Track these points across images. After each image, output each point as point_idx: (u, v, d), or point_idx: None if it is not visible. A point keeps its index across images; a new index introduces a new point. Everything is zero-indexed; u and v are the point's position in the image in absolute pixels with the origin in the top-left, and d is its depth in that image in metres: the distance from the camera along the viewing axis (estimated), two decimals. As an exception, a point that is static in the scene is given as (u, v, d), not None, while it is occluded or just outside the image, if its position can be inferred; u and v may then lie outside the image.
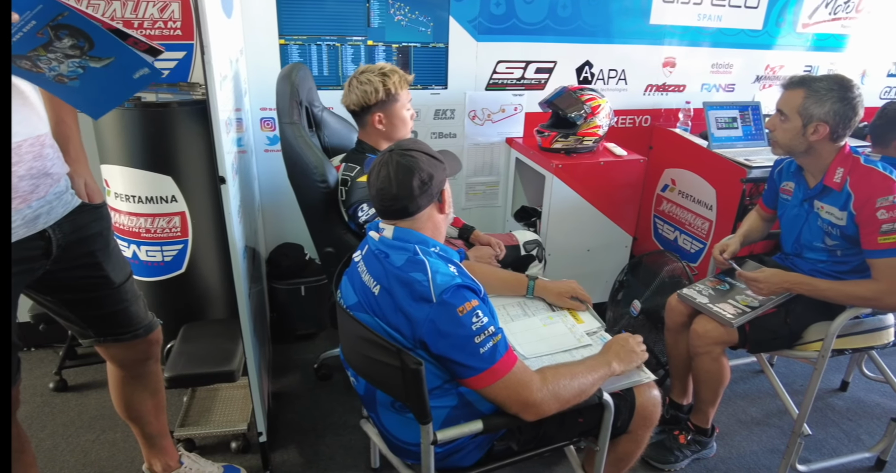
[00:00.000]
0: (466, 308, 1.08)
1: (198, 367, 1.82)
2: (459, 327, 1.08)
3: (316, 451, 1.92)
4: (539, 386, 1.13)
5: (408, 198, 1.18)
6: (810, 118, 1.59)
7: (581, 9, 2.68)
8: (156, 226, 2.01)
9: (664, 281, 2.20)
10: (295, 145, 1.76)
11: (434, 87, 2.61)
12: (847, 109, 1.57)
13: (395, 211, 1.20)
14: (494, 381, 1.10)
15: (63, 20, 0.87)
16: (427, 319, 1.09)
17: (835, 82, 1.59)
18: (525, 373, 1.14)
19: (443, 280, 1.10)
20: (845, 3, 3.18)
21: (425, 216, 1.22)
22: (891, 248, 1.53)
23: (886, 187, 1.54)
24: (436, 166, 1.21)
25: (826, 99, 1.57)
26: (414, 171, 1.17)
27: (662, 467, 1.87)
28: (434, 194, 1.22)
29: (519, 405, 1.13)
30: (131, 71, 0.99)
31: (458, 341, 1.08)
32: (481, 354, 1.09)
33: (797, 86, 1.62)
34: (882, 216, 1.53)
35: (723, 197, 2.51)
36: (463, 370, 1.11)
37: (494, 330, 1.11)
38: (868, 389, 2.35)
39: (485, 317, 1.11)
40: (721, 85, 3.15)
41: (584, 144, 2.51)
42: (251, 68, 2.30)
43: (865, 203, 1.55)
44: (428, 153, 1.22)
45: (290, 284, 2.44)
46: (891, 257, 1.54)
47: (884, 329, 1.74)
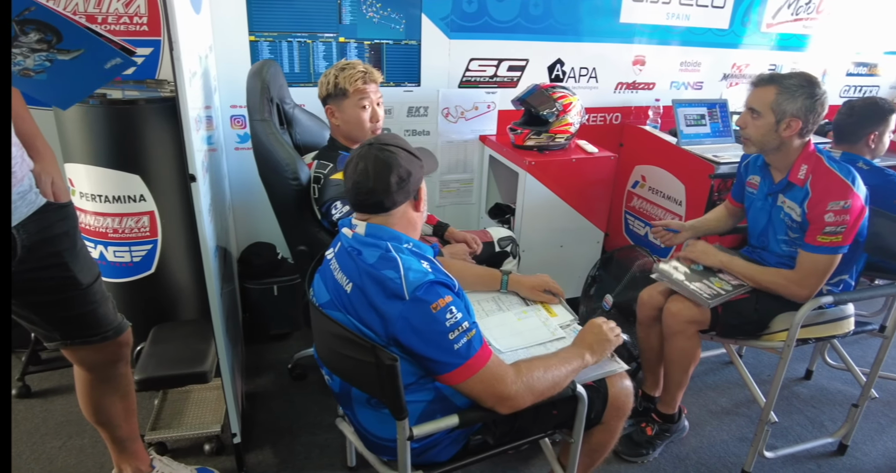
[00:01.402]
0: (440, 305, 1.09)
1: (169, 368, 1.79)
2: (433, 323, 1.08)
3: (291, 451, 1.90)
4: (513, 379, 1.14)
5: (384, 193, 1.17)
6: (783, 114, 1.63)
7: (552, 7, 2.71)
8: (124, 226, 1.97)
9: (635, 276, 2.24)
10: (266, 143, 1.74)
11: (407, 84, 2.61)
12: (816, 105, 1.63)
13: (370, 205, 1.20)
14: (469, 376, 1.11)
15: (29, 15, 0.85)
16: (400, 316, 1.08)
17: (804, 79, 1.64)
18: (499, 367, 1.15)
19: (415, 277, 1.10)
20: (806, 4, 3.28)
21: (400, 213, 1.22)
22: (824, 246, 1.60)
23: (841, 191, 1.60)
24: (414, 164, 1.21)
25: (798, 95, 1.62)
26: (392, 167, 1.16)
27: (635, 460, 1.91)
28: (411, 191, 1.21)
29: (494, 398, 1.14)
30: (102, 62, 0.97)
31: (432, 337, 1.09)
32: (456, 350, 1.09)
33: (768, 83, 1.66)
34: (829, 219, 1.59)
35: (692, 193, 2.56)
36: (438, 366, 1.11)
37: (469, 325, 1.12)
38: (831, 377, 2.43)
39: (459, 313, 1.11)
40: (689, 83, 3.21)
41: (557, 142, 2.54)
42: (221, 65, 2.27)
43: (818, 203, 1.61)
44: (407, 150, 1.21)
45: (262, 283, 2.41)
46: (819, 253, 1.62)
47: (844, 319, 1.80)
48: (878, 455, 2.01)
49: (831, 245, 1.60)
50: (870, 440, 2.08)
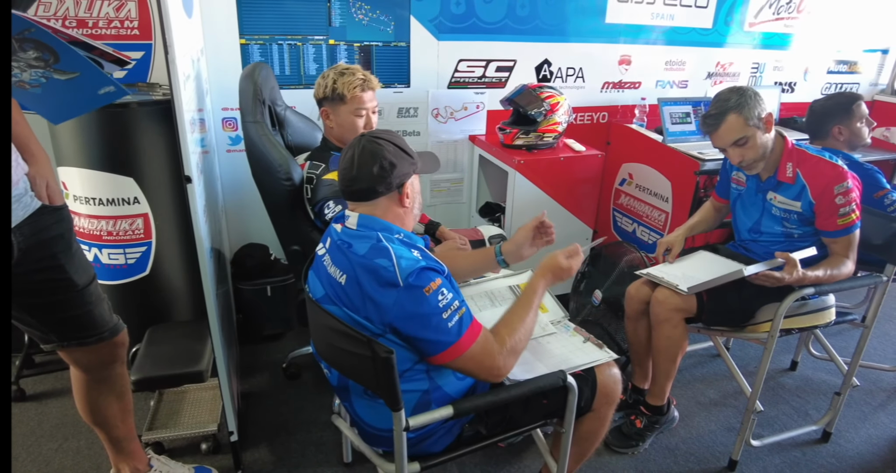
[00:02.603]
0: (432, 288, 1.13)
1: (165, 368, 1.81)
2: (427, 306, 1.12)
3: (287, 449, 1.93)
4: (499, 350, 1.19)
5: (365, 181, 1.21)
6: (759, 121, 1.73)
7: (539, 8, 2.75)
8: (118, 228, 1.98)
9: (623, 271, 2.28)
10: (259, 144, 1.77)
11: (397, 85, 2.64)
12: (759, 98, 1.73)
13: (352, 193, 1.25)
14: (461, 353, 1.15)
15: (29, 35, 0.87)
16: (395, 303, 1.12)
17: (735, 91, 1.73)
18: (487, 342, 1.19)
19: (407, 264, 1.13)
20: (787, 4, 3.34)
21: (383, 205, 1.25)
22: (847, 227, 1.71)
23: (838, 175, 1.69)
24: (401, 158, 1.24)
25: (750, 102, 1.71)
26: (376, 157, 1.21)
27: (626, 452, 1.95)
28: (393, 183, 1.24)
29: (485, 371, 1.19)
30: (96, 88, 1.00)
31: (427, 320, 1.12)
32: (449, 328, 1.13)
33: (724, 116, 1.72)
34: (840, 201, 1.69)
35: (678, 189, 2.61)
36: (432, 346, 1.15)
37: (459, 304, 1.16)
38: (815, 368, 2.49)
39: (449, 293, 1.15)
40: (675, 82, 3.27)
41: (545, 141, 2.58)
42: (212, 68, 2.28)
43: (824, 192, 1.70)
44: (397, 144, 1.25)
45: (255, 284, 2.43)
46: (847, 235, 1.72)
47: (826, 309, 1.85)
48: (860, 442, 2.06)
49: (850, 225, 1.71)
50: (853, 427, 2.13)
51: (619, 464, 1.91)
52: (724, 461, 1.93)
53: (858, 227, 1.72)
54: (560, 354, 1.43)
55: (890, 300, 3.02)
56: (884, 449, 2.04)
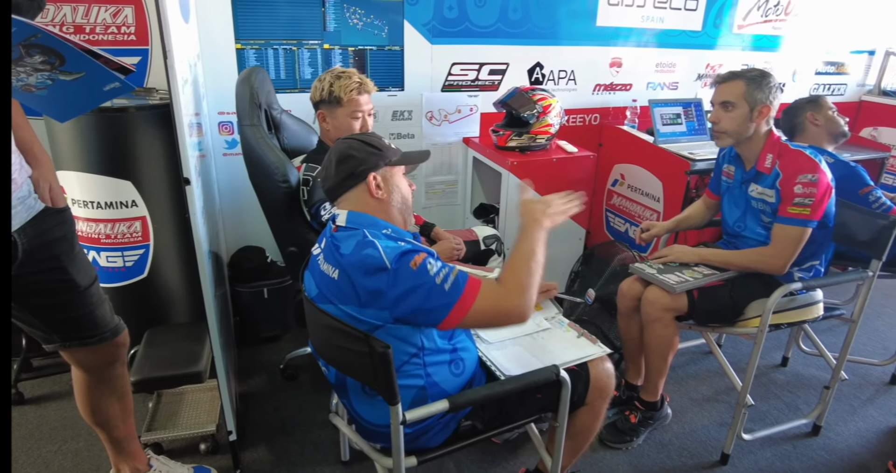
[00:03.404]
0: (417, 261, 1.15)
1: (164, 370, 1.83)
2: (418, 278, 1.14)
3: (286, 448, 1.94)
4: (507, 293, 1.18)
5: (331, 178, 1.29)
6: (755, 102, 1.77)
7: (531, 12, 2.79)
8: (116, 231, 2.00)
9: (616, 269, 2.32)
10: (256, 147, 1.79)
11: (391, 89, 2.67)
12: (776, 92, 1.79)
13: (326, 192, 1.32)
14: (469, 308, 1.15)
15: (35, 41, 0.90)
16: (389, 285, 1.13)
17: (759, 72, 1.79)
18: (492, 289, 1.18)
19: (392, 250, 1.16)
20: (775, 7, 3.40)
21: (356, 198, 1.30)
22: (794, 217, 1.71)
23: (811, 167, 1.72)
24: (364, 150, 1.29)
25: (763, 85, 1.76)
26: (339, 153, 1.28)
27: (620, 447, 1.98)
28: (355, 174, 1.28)
29: (503, 316, 1.18)
30: (101, 84, 1.02)
31: (422, 290, 1.14)
32: (447, 290, 1.14)
33: (733, 78, 1.80)
34: (798, 190, 1.71)
35: (669, 189, 2.65)
36: (437, 313, 1.15)
37: (448, 269, 1.17)
38: (806, 363, 2.52)
39: (437, 262, 1.17)
40: (665, 83, 3.31)
41: (538, 142, 2.62)
42: (208, 73, 2.31)
43: (789, 179, 1.73)
44: (364, 140, 1.31)
45: (252, 287, 2.45)
46: (790, 224, 1.72)
47: (814, 305, 1.89)
48: (849, 435, 2.10)
49: (800, 217, 1.71)
50: (842, 421, 2.17)
51: (613, 459, 1.94)
52: (716, 455, 1.96)
53: (808, 226, 1.71)
54: (554, 349, 1.46)
55: (879, 296, 3.08)
56: (872, 442, 2.07)
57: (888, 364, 2.46)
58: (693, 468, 1.92)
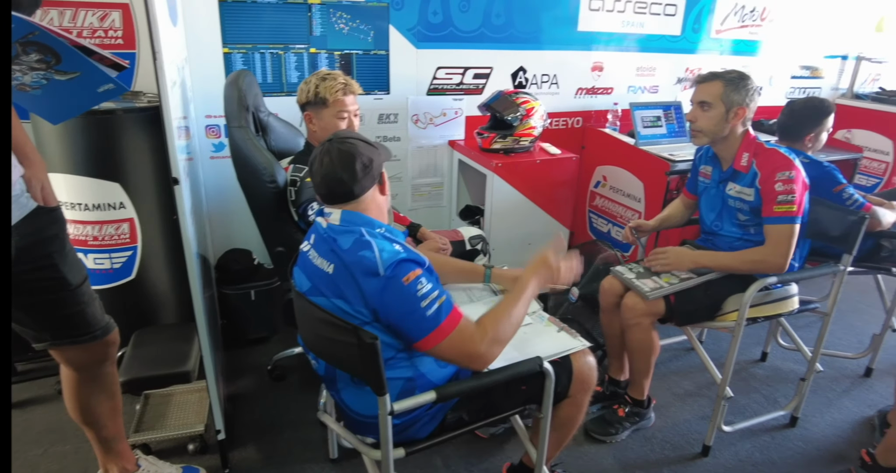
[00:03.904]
0: (411, 277, 1.19)
1: (153, 369, 1.84)
2: (406, 295, 1.18)
3: (274, 447, 1.96)
4: (481, 337, 1.24)
5: (352, 181, 1.27)
6: (731, 104, 1.81)
7: (514, 17, 2.84)
8: (104, 233, 2.01)
9: (598, 268, 2.36)
10: (244, 148, 1.82)
11: (377, 92, 2.71)
12: (754, 95, 1.83)
13: (341, 195, 1.29)
14: (441, 340, 1.20)
15: (33, 38, 0.92)
16: (376, 291, 1.18)
17: (739, 74, 1.84)
18: (468, 329, 1.24)
19: (388, 256, 1.19)
20: (751, 12, 3.49)
21: (369, 198, 1.32)
22: (782, 215, 1.76)
23: (785, 164, 1.78)
24: (373, 151, 1.32)
25: (740, 87, 1.81)
26: (355, 155, 1.27)
27: (605, 439, 2.02)
28: (375, 175, 1.32)
29: (466, 358, 1.24)
30: (96, 85, 1.04)
31: (405, 308, 1.18)
32: (428, 316, 1.19)
33: (712, 79, 1.85)
34: (779, 188, 1.76)
35: (650, 190, 2.71)
36: (413, 333, 1.20)
37: (438, 293, 1.22)
38: (784, 358, 2.59)
39: (428, 283, 1.21)
40: (646, 87, 3.39)
41: (521, 145, 2.67)
42: (195, 77, 2.33)
43: (768, 178, 1.78)
44: (364, 140, 1.33)
45: (239, 289, 2.46)
46: (780, 223, 1.77)
47: (789, 298, 1.95)
48: (825, 426, 2.16)
49: (788, 214, 1.76)
50: (818, 412, 2.23)
51: (598, 452, 1.98)
52: (698, 447, 2.01)
53: (796, 222, 1.75)
54: (537, 343, 1.49)
55: (854, 293, 3.16)
56: (847, 432, 2.14)
57: (862, 357, 2.53)
58: (676, 460, 1.97)
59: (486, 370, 1.33)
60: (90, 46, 0.98)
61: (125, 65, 1.04)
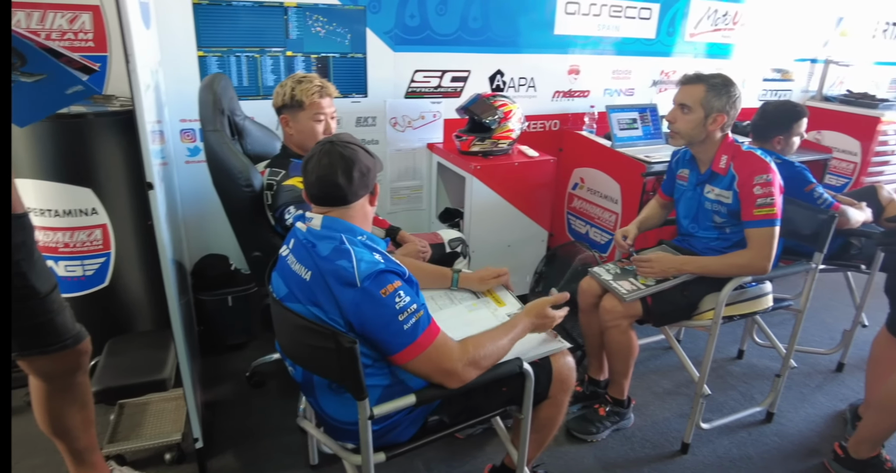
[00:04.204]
0: (389, 290, 1.17)
1: (128, 378, 1.80)
2: (383, 307, 1.17)
3: (254, 454, 1.93)
4: (459, 356, 1.24)
5: (348, 187, 1.26)
6: (711, 109, 1.82)
7: (491, 21, 2.86)
8: (75, 240, 1.97)
9: (577, 269, 2.39)
10: (219, 152, 1.80)
11: (354, 95, 2.70)
12: (736, 102, 1.84)
13: (333, 198, 1.27)
14: (417, 354, 1.20)
15: None
16: (352, 303, 1.16)
17: (725, 79, 1.85)
18: (445, 345, 1.24)
19: (366, 267, 1.18)
20: (724, 16, 3.56)
21: (359, 206, 1.31)
22: (763, 219, 1.78)
23: (762, 167, 1.80)
24: (371, 160, 1.31)
25: (723, 93, 1.82)
26: (355, 162, 1.26)
27: (586, 438, 2.03)
28: (370, 185, 1.31)
29: (441, 374, 1.23)
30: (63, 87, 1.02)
31: (382, 320, 1.17)
32: (405, 330, 1.18)
33: (696, 82, 1.85)
34: (758, 192, 1.78)
35: (626, 191, 2.74)
36: (389, 346, 1.19)
37: (417, 307, 1.20)
38: (760, 355, 2.64)
39: (407, 296, 1.20)
40: (622, 90, 3.43)
41: (500, 147, 2.68)
42: (170, 80, 2.30)
43: (746, 181, 1.80)
44: (364, 148, 1.32)
45: (216, 295, 2.42)
46: (762, 227, 1.78)
47: (763, 296, 1.98)
48: (800, 421, 2.21)
49: (768, 217, 1.78)
50: (793, 408, 2.28)
51: (578, 452, 1.99)
52: (677, 445, 2.04)
53: (776, 224, 1.78)
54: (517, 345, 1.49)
55: (827, 291, 3.23)
56: (821, 426, 2.18)
57: (834, 353, 2.60)
58: (655, 458, 1.99)
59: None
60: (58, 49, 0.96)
61: (95, 67, 1.02)
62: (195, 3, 2.26)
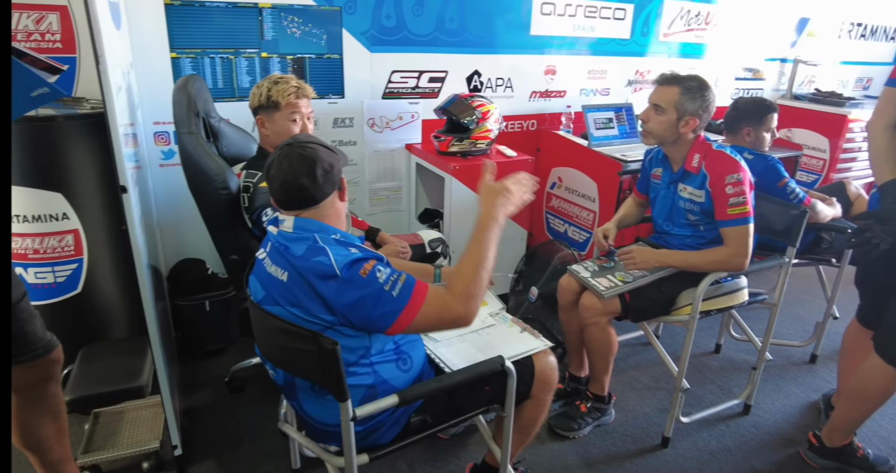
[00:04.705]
0: (367, 268, 1.17)
1: (103, 386, 1.76)
2: (367, 286, 1.16)
3: (235, 460, 1.91)
4: (454, 301, 1.21)
5: (314, 187, 1.23)
6: (684, 112, 1.84)
7: (467, 22, 2.86)
8: (45, 246, 1.92)
9: (556, 267, 2.40)
10: (194, 154, 1.77)
11: (331, 96, 2.68)
12: (709, 106, 1.86)
13: (300, 201, 1.25)
14: (416, 314, 1.18)
15: None
16: (338, 292, 1.15)
17: (700, 82, 1.86)
18: (438, 296, 1.22)
19: (342, 258, 1.17)
20: (696, 17, 3.61)
21: (329, 204, 1.29)
22: (737, 217, 1.81)
23: (732, 166, 1.82)
24: (333, 156, 1.28)
25: (697, 97, 1.83)
26: (317, 161, 1.23)
27: (567, 434, 2.04)
28: (336, 181, 1.29)
29: (447, 323, 1.23)
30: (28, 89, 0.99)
31: (371, 298, 1.16)
32: (395, 297, 1.17)
33: (671, 83, 1.86)
34: (730, 191, 1.80)
35: (603, 189, 2.77)
36: (385, 319, 1.18)
37: (398, 274, 1.20)
38: (737, 349, 2.69)
39: (386, 269, 1.19)
40: (597, 89, 3.46)
41: (478, 147, 2.69)
42: (142, 82, 2.26)
43: (717, 181, 1.83)
44: (324, 145, 1.29)
45: (193, 300, 2.39)
46: (736, 225, 1.81)
47: (739, 291, 2.02)
48: (776, 412, 2.25)
49: (742, 216, 1.80)
50: (769, 399, 2.32)
51: (560, 449, 2.00)
52: (657, 439, 2.06)
53: (750, 222, 1.80)
54: (499, 344, 1.50)
55: (799, 284, 3.31)
56: (796, 416, 2.23)
57: (807, 345, 2.66)
58: (637, 453, 2.01)
59: (449, 372, 1.33)
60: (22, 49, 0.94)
61: (62, 68, 0.99)
62: (167, 4, 2.22)
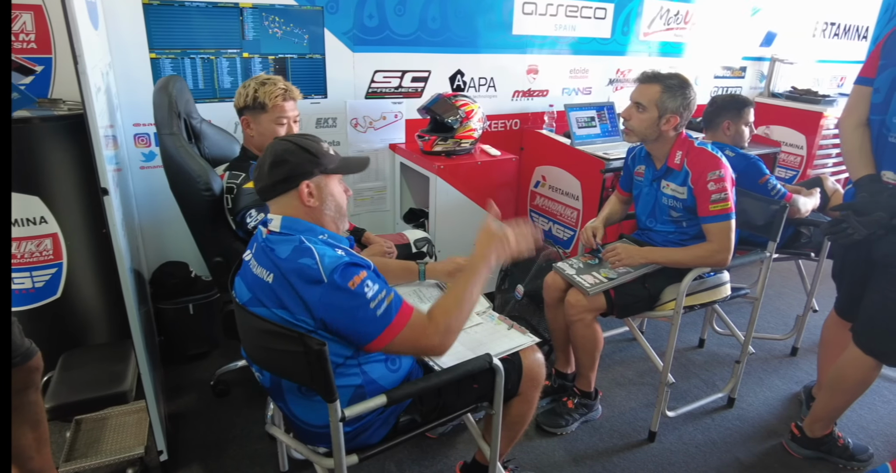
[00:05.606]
0: (356, 281, 1.16)
1: (85, 392, 1.73)
2: (353, 298, 1.16)
3: (221, 464, 1.89)
4: (433, 330, 1.23)
5: (264, 178, 1.26)
6: (665, 110, 1.86)
7: (449, 21, 2.87)
8: (23, 250, 1.88)
9: (542, 265, 2.41)
10: (176, 156, 1.75)
11: (314, 96, 2.67)
12: (690, 104, 1.88)
13: (258, 191, 1.29)
14: (394, 337, 1.19)
15: None
16: (321, 299, 1.15)
17: (681, 81, 1.88)
18: (420, 322, 1.23)
19: (330, 261, 1.16)
20: (675, 16, 3.66)
21: (287, 203, 1.26)
22: (719, 214, 1.83)
23: (714, 163, 1.85)
24: (299, 155, 1.24)
25: (678, 95, 1.85)
26: (274, 155, 1.24)
27: (555, 431, 2.06)
28: (289, 179, 1.24)
29: (421, 351, 1.26)
30: None
31: (354, 312, 1.16)
32: (378, 316, 1.17)
33: (653, 81, 1.88)
34: (711, 188, 1.83)
35: (587, 187, 2.79)
36: (364, 336, 1.18)
37: (386, 292, 1.20)
38: (720, 343, 2.72)
39: (375, 285, 1.19)
40: (579, 88, 3.49)
41: (462, 147, 2.69)
42: (121, 83, 2.22)
43: (699, 178, 1.85)
44: (300, 144, 1.26)
45: (177, 303, 2.36)
46: (719, 221, 1.84)
47: (722, 285, 2.05)
48: (759, 404, 2.29)
49: (724, 212, 1.82)
50: (752, 393, 2.36)
51: (548, 445, 2.02)
52: (644, 433, 2.08)
53: (732, 218, 1.82)
54: (487, 342, 1.50)
55: (780, 279, 3.36)
56: (778, 408, 2.27)
57: (788, 338, 2.70)
58: (624, 448, 2.03)
59: (437, 370, 1.33)
60: None
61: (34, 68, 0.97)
62: (145, 4, 2.19)
